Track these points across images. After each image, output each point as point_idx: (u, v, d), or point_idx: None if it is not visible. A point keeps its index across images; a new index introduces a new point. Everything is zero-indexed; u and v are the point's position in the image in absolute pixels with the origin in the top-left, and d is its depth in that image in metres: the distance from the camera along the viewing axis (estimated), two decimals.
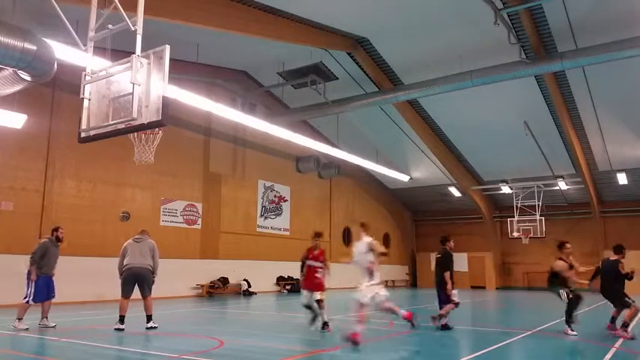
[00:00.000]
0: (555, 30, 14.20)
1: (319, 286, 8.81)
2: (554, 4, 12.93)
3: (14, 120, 11.70)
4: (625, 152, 21.12)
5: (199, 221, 18.73)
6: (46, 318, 9.08)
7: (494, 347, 7.38)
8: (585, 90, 17.03)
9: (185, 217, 18.23)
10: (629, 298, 9.29)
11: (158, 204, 17.34)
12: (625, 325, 8.89)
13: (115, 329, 8.58)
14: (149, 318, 9.09)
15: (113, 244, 15.66)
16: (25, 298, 8.93)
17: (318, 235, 9.21)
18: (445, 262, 9.49)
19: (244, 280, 19.76)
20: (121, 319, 8.77)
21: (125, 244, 9.31)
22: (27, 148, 13.96)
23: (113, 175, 15.93)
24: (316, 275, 8.86)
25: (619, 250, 9.68)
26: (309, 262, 9.00)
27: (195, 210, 18.64)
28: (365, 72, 17.56)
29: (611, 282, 9.87)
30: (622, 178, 23.19)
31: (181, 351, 6.75)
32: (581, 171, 22.24)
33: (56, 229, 9.73)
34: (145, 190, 16.95)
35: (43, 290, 8.99)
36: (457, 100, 17.80)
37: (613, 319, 9.53)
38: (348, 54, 16.77)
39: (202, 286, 18.22)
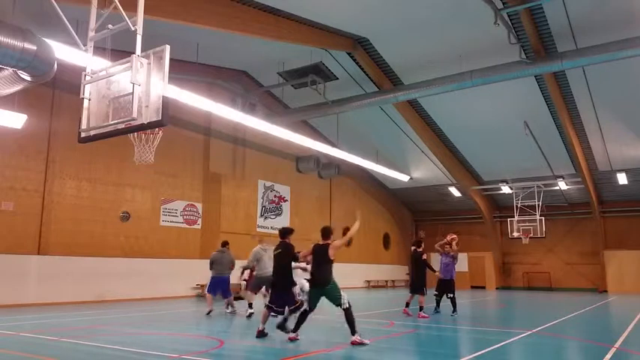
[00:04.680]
0: (555, 30, 14.20)
1: None
2: (554, 4, 12.93)
3: (14, 120, 11.70)
4: (625, 152, 21.12)
5: (199, 221, 18.73)
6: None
7: (494, 347, 7.38)
8: (585, 90, 17.03)
9: (185, 217, 18.23)
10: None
11: (158, 204, 17.34)
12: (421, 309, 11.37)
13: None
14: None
15: (113, 244, 15.74)
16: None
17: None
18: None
19: (244, 280, 19.72)
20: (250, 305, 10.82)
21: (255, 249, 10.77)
22: (27, 148, 13.96)
23: (113, 175, 15.92)
24: None
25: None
26: None
27: (195, 210, 18.64)
28: (365, 72, 17.56)
29: (418, 271, 11.84)
30: (622, 178, 23.20)
31: (181, 351, 6.75)
32: (581, 171, 22.23)
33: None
34: (145, 190, 16.95)
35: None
36: (457, 100, 17.80)
37: (407, 304, 11.74)
38: (348, 54, 16.77)
39: (202, 286, 18.18)
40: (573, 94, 17.43)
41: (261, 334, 7.85)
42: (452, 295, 12.09)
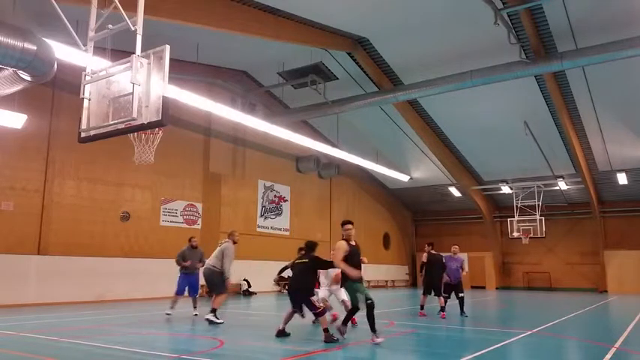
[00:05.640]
0: (555, 30, 14.20)
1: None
2: (554, 4, 12.94)
3: (14, 120, 11.71)
4: (625, 152, 21.12)
5: (199, 221, 18.73)
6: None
7: (494, 347, 7.38)
8: (585, 90, 17.03)
9: (185, 217, 18.23)
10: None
11: (158, 204, 17.34)
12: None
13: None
14: (211, 310, 9.81)
15: (113, 244, 15.74)
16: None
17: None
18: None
19: (244, 280, 19.76)
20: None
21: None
22: (27, 148, 13.96)
23: (113, 175, 15.93)
24: None
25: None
26: None
27: (195, 210, 18.64)
28: (365, 72, 17.56)
29: (437, 273, 11.84)
30: (622, 178, 23.20)
31: (181, 351, 6.75)
32: (581, 171, 22.24)
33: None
34: (145, 190, 16.95)
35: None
36: (457, 100, 17.80)
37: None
38: (348, 54, 16.77)
39: (202, 286, 18.13)
40: (573, 94, 17.43)
41: (281, 334, 7.91)
42: (462, 295, 12.05)
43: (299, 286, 8.04)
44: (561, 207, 27.27)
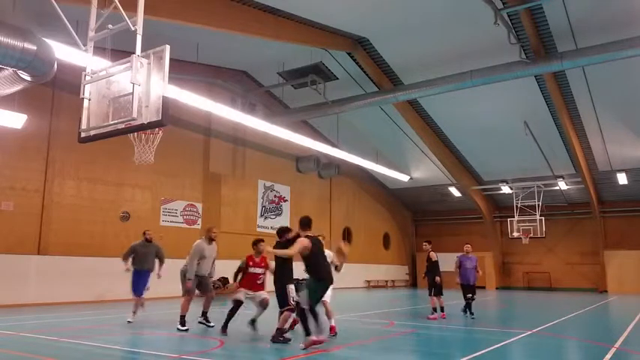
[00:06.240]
0: (555, 30, 14.20)
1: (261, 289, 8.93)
2: (554, 4, 12.94)
3: (14, 120, 11.71)
4: (625, 152, 21.12)
5: (199, 221, 18.72)
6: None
7: (494, 347, 7.38)
8: (585, 90, 17.03)
9: (185, 217, 18.23)
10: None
11: (158, 204, 17.34)
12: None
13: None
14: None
15: (113, 244, 15.71)
16: None
17: (257, 241, 9.08)
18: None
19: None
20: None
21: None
22: (27, 148, 13.96)
23: (113, 175, 15.92)
24: (257, 282, 9.00)
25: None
26: (252, 270, 8.95)
27: (195, 210, 18.63)
28: (365, 72, 17.56)
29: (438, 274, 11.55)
30: (622, 178, 23.20)
31: (181, 351, 6.75)
32: (581, 171, 22.24)
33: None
34: (145, 190, 16.95)
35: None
36: (457, 100, 17.79)
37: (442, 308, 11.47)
38: (348, 54, 16.77)
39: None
40: (573, 94, 17.43)
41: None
42: (475, 297, 12.00)
43: (276, 278, 7.96)
44: (561, 207, 27.27)
